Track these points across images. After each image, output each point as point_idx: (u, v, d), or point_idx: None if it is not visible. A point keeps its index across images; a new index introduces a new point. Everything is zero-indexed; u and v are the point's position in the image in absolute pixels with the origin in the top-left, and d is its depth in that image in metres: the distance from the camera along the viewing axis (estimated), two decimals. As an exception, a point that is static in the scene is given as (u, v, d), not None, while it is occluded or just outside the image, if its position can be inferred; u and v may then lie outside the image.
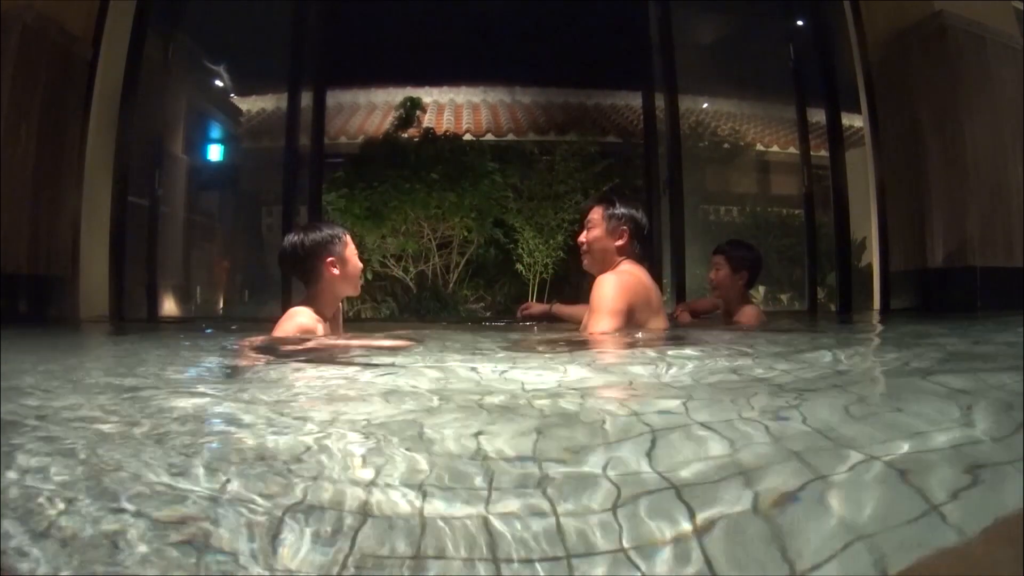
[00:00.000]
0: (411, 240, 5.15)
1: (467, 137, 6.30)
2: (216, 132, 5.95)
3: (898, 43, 3.84)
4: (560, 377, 1.16)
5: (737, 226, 5.61)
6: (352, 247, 1.93)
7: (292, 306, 1.89)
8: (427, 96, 7.00)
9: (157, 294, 4.32)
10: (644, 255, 2.09)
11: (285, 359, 1.54)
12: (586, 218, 2.14)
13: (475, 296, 5.49)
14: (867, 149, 4.20)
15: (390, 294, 5.35)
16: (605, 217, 2.05)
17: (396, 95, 6.89)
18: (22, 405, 0.90)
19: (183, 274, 5.04)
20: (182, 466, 0.61)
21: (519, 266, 5.52)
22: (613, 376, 1.25)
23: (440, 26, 6.65)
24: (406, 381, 1.11)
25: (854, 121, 4.64)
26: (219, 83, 5.76)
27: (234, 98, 6.19)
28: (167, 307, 4.57)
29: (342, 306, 2.11)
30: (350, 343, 1.90)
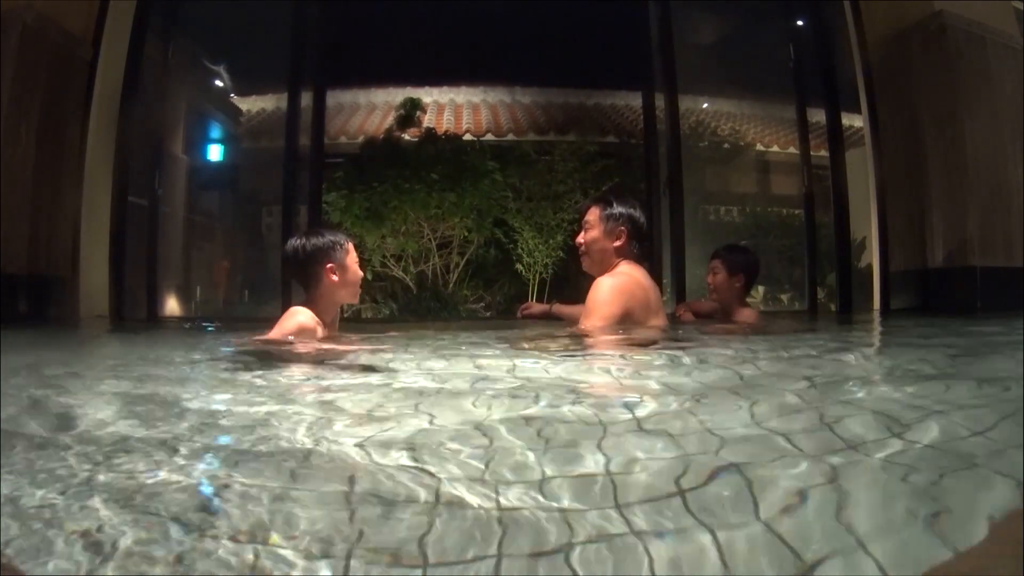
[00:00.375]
0: (411, 240, 5.15)
1: (467, 137, 6.30)
2: (216, 132, 5.94)
3: (898, 43, 3.84)
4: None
5: (737, 226, 5.60)
6: (354, 255, 1.93)
7: (292, 306, 1.89)
8: (427, 96, 7.00)
9: (157, 294, 4.31)
10: (644, 254, 2.08)
11: (281, 363, 1.54)
12: (583, 219, 2.12)
13: (475, 296, 5.49)
14: (867, 149, 4.20)
15: (390, 294, 5.35)
16: (602, 218, 2.04)
17: (396, 95, 6.89)
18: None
19: (183, 274, 5.04)
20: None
21: (519, 266, 5.52)
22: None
23: (440, 26, 6.66)
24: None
25: (854, 121, 4.64)
26: (219, 83, 5.75)
27: (234, 98, 6.19)
28: (167, 307, 4.57)
29: (339, 310, 2.10)
30: (347, 348, 1.85)
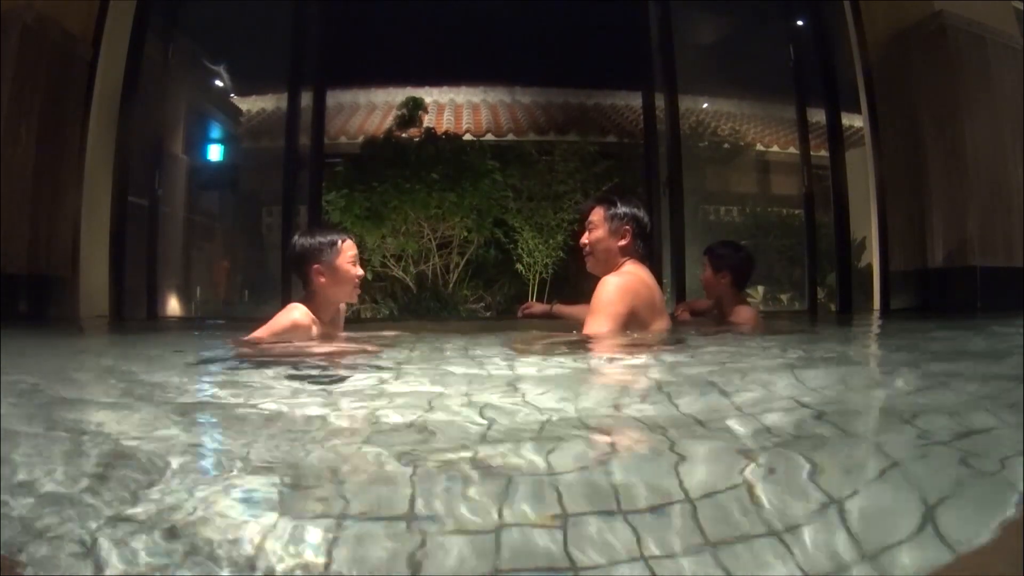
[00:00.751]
0: (411, 240, 5.15)
1: (467, 137, 6.29)
2: (216, 132, 5.94)
3: (898, 43, 3.84)
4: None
5: (737, 226, 5.60)
6: (347, 255, 1.89)
7: (292, 302, 1.90)
8: (427, 96, 6.99)
9: (157, 294, 4.31)
10: (647, 253, 2.06)
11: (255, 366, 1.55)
12: (587, 219, 2.10)
13: (475, 296, 5.48)
14: (867, 149, 4.20)
15: (390, 294, 5.34)
16: (607, 217, 2.02)
17: (396, 95, 6.89)
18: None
19: (183, 274, 5.04)
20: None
21: (519, 266, 5.52)
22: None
23: (440, 26, 6.65)
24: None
25: (854, 121, 4.64)
26: (219, 83, 5.75)
27: (234, 98, 6.19)
28: (167, 307, 4.57)
29: (343, 308, 2.09)
30: (331, 349, 1.83)
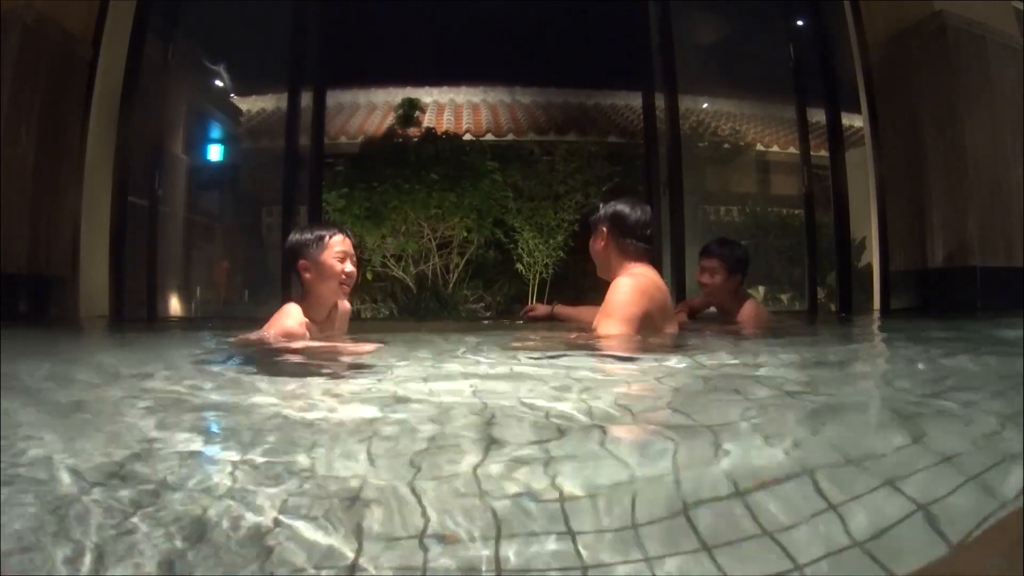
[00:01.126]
0: (411, 240, 5.15)
1: (467, 137, 6.30)
2: (216, 132, 5.94)
3: (898, 43, 3.84)
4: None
5: (737, 226, 5.59)
6: (334, 250, 1.83)
7: (287, 304, 1.89)
8: (427, 96, 7.00)
9: (157, 294, 4.31)
10: (647, 251, 2.02)
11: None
12: None
13: (475, 296, 5.48)
14: (867, 149, 4.19)
15: (390, 294, 5.34)
16: (592, 222, 2.07)
17: (396, 95, 6.89)
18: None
19: (183, 274, 5.03)
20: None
21: (519, 266, 5.52)
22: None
23: (440, 26, 6.66)
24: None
25: (854, 121, 4.63)
26: (219, 83, 5.75)
27: (234, 98, 6.18)
28: (167, 307, 4.57)
29: (345, 307, 2.08)
30: (317, 347, 1.80)
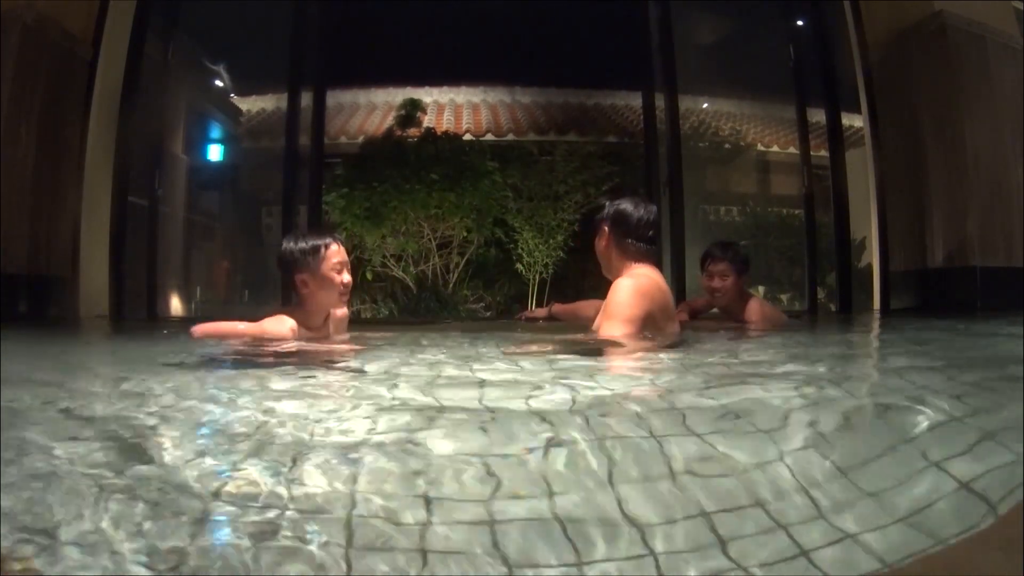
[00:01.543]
0: (411, 240, 5.14)
1: (467, 137, 6.29)
2: (216, 132, 5.94)
3: (898, 43, 3.84)
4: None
5: (737, 226, 5.59)
6: (332, 261, 1.82)
7: (283, 309, 1.89)
8: (427, 96, 7.00)
9: (157, 294, 4.31)
10: (650, 251, 2.00)
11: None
12: None
13: (475, 296, 5.48)
14: (867, 149, 4.19)
15: (390, 294, 5.34)
16: (596, 221, 2.05)
17: (396, 95, 6.89)
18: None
19: (183, 274, 5.04)
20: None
21: (519, 266, 5.52)
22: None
23: (440, 26, 6.66)
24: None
25: (854, 121, 4.63)
26: (219, 83, 5.75)
27: (234, 98, 6.19)
28: (167, 307, 4.57)
29: (344, 311, 2.07)
30: (307, 348, 1.81)
